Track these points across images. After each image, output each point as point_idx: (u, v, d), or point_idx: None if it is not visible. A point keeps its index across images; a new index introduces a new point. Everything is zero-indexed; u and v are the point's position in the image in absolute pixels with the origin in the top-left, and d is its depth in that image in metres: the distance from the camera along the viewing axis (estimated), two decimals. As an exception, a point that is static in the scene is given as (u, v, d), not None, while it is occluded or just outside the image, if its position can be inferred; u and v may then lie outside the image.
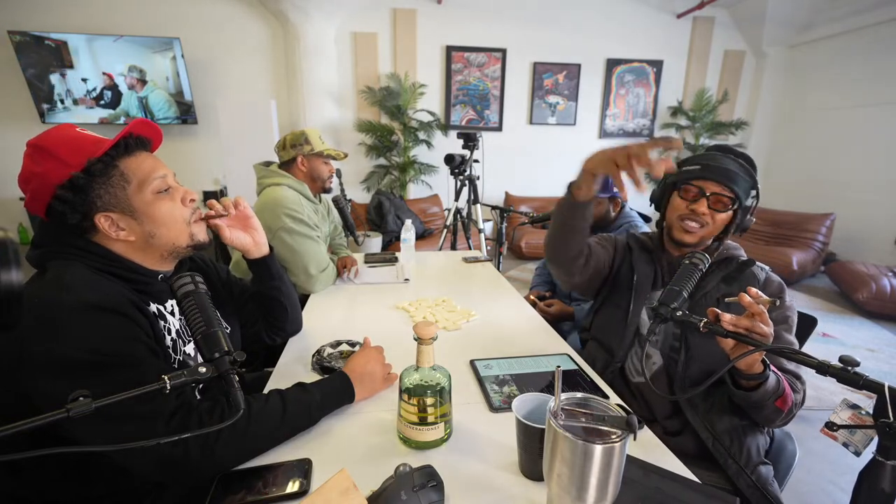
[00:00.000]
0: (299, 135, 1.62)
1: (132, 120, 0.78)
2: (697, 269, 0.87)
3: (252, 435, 0.70)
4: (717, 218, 1.01)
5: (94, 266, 0.72)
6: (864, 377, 0.57)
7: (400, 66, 4.46)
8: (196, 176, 4.36)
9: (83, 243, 0.73)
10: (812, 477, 1.57)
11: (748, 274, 1.02)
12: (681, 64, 4.96)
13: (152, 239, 0.77)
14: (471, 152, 3.03)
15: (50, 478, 0.71)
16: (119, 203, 0.74)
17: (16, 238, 0.49)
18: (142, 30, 3.93)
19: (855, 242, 4.24)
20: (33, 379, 0.61)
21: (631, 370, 1.08)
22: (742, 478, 0.87)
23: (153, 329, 0.73)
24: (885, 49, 3.95)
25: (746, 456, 0.89)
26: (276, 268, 1.07)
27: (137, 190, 0.75)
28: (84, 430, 0.61)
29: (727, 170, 0.99)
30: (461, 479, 0.68)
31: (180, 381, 0.53)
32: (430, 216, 4.59)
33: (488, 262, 2.00)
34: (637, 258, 1.15)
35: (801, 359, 0.63)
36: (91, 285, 0.68)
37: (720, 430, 0.91)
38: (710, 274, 1.03)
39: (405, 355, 0.93)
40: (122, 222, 0.75)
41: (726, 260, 1.06)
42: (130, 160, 0.76)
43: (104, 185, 0.73)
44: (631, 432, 0.51)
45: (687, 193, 1.03)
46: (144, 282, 0.78)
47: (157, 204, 0.77)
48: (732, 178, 0.98)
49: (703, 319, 0.76)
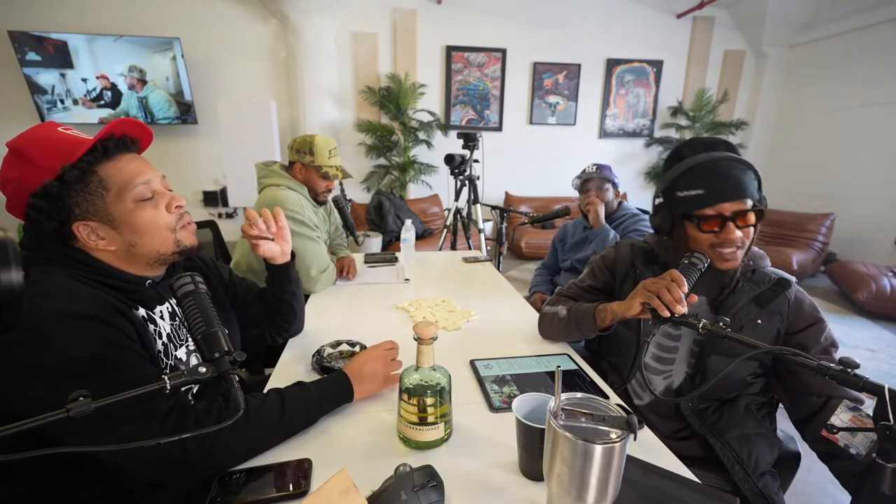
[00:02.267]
0: (307, 142, 1.58)
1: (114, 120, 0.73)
2: (696, 269, 0.87)
3: (250, 433, 0.70)
4: (749, 233, 0.90)
5: (76, 273, 0.69)
6: (865, 379, 0.56)
7: (400, 66, 4.46)
8: (196, 176, 4.36)
9: (65, 249, 0.70)
10: (812, 477, 1.57)
11: (782, 298, 0.92)
12: (681, 64, 4.96)
13: (134, 248, 0.73)
14: (471, 152, 3.03)
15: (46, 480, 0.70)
16: (97, 212, 0.70)
17: (16, 238, 0.49)
18: (142, 30, 3.93)
19: (855, 242, 4.23)
20: (14, 386, 0.60)
21: (631, 392, 1.07)
22: (748, 484, 0.86)
23: (140, 335, 0.71)
24: (885, 49, 3.95)
25: (755, 463, 0.88)
26: (295, 273, 1.10)
27: (117, 198, 0.70)
28: (77, 432, 0.60)
29: (735, 183, 0.87)
30: (461, 479, 0.68)
31: (180, 381, 0.53)
32: (430, 216, 4.59)
33: (488, 262, 2.00)
34: (644, 273, 1.04)
35: (800, 361, 0.63)
36: (70, 293, 0.65)
37: (729, 437, 0.91)
38: (737, 290, 0.94)
39: (405, 355, 0.94)
40: (102, 231, 0.71)
41: (755, 273, 0.96)
42: (110, 165, 0.71)
43: (81, 193, 0.68)
44: (631, 432, 0.51)
45: (708, 226, 0.90)
46: (130, 289, 0.75)
47: (138, 213, 0.72)
48: (743, 188, 0.87)
49: (703, 321, 0.75)
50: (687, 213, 0.92)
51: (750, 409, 0.93)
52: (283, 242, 1.03)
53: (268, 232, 0.99)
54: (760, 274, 0.96)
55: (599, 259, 1.18)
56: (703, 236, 0.91)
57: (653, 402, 1.03)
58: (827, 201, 4.42)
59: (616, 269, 1.13)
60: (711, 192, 0.88)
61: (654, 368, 1.02)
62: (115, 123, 0.72)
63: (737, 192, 0.87)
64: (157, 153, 4.21)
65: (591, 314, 1.02)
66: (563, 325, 1.09)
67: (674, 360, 1.00)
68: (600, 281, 1.16)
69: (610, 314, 0.97)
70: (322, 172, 1.60)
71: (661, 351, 1.01)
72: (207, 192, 4.43)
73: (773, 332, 0.92)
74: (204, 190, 4.42)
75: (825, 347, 0.89)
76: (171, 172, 5.08)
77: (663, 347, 1.01)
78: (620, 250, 1.14)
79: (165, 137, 4.21)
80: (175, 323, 0.84)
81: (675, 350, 0.99)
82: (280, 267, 1.05)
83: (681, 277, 0.84)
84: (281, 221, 1.02)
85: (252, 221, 0.97)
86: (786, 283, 0.93)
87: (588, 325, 1.02)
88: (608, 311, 0.98)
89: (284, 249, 1.04)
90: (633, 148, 5.17)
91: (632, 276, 1.08)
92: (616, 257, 1.13)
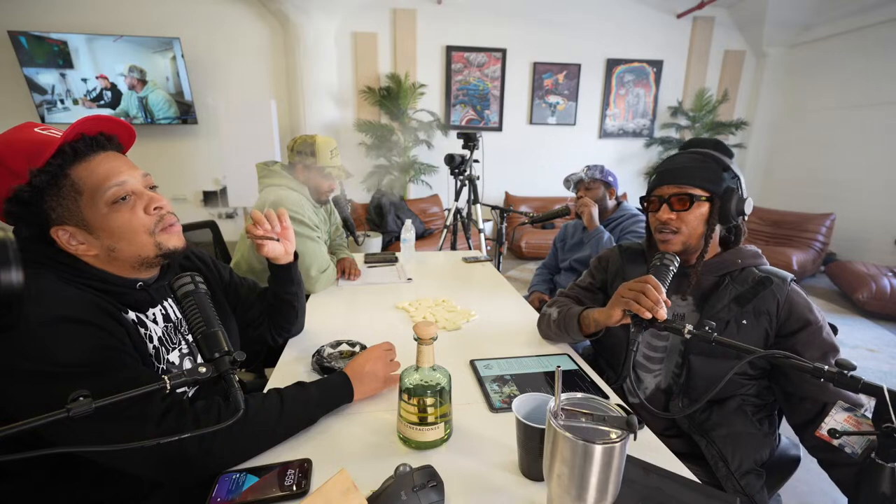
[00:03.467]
0: (308, 144, 1.58)
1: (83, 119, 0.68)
2: (668, 269, 0.88)
3: (249, 433, 0.70)
4: (686, 219, 0.94)
5: (64, 276, 0.67)
6: (862, 381, 0.55)
7: (400, 66, 4.46)
8: (196, 176, 4.36)
9: (51, 252, 0.68)
10: (811, 477, 1.57)
11: (767, 294, 0.89)
12: (681, 64, 4.96)
13: (114, 252, 0.71)
14: (471, 152, 3.03)
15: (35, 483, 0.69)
16: (72, 216, 0.67)
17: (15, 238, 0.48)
18: (142, 30, 3.93)
19: (855, 242, 4.24)
20: (6, 392, 0.59)
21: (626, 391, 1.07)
22: (730, 481, 0.85)
23: (131, 338, 0.70)
24: (886, 49, 3.95)
25: (739, 461, 0.87)
26: (298, 274, 1.10)
27: (90, 201, 0.67)
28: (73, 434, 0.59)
29: (680, 168, 0.95)
30: (461, 479, 0.68)
31: (181, 381, 0.53)
32: (430, 216, 4.59)
33: (488, 262, 2.00)
34: (631, 272, 1.07)
35: (794, 363, 0.62)
36: (59, 296, 0.64)
37: (715, 435, 0.90)
38: (721, 288, 0.93)
39: (405, 355, 0.94)
40: (80, 236, 0.68)
41: (743, 272, 0.94)
42: (82, 166, 0.67)
43: (55, 198, 0.66)
44: (631, 432, 0.51)
45: (652, 206, 0.99)
46: (119, 292, 0.73)
47: (112, 216, 0.69)
48: (687, 174, 0.93)
49: (687, 325, 0.75)
50: (646, 199, 1.02)
51: (742, 410, 0.92)
52: (287, 243, 1.04)
53: (272, 232, 1.00)
54: (746, 273, 0.94)
55: (596, 259, 1.22)
56: (650, 217, 1.00)
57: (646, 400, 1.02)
58: (827, 201, 4.42)
59: (608, 268, 1.17)
60: (659, 177, 0.97)
61: (644, 367, 1.03)
62: (85, 121, 0.68)
63: (676, 176, 0.94)
64: (157, 153, 4.22)
65: (574, 321, 1.03)
66: (556, 328, 1.11)
67: (663, 358, 1.00)
68: (598, 279, 1.19)
69: (593, 323, 0.98)
70: (325, 173, 1.60)
71: (651, 350, 1.02)
72: (207, 192, 4.43)
73: (760, 333, 0.89)
74: (204, 190, 4.42)
75: (823, 353, 0.83)
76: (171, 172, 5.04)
77: (653, 347, 1.02)
78: (613, 251, 1.18)
79: (165, 137, 4.21)
80: (168, 326, 0.82)
81: (664, 349, 1.00)
82: (283, 267, 1.06)
83: (655, 281, 0.84)
84: (286, 222, 1.03)
85: (258, 221, 0.98)
86: (767, 281, 0.90)
87: (574, 330, 1.04)
88: (591, 319, 0.99)
89: (288, 249, 1.04)
90: (633, 148, 5.17)
91: (620, 276, 1.10)
92: (609, 257, 1.18)
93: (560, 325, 1.09)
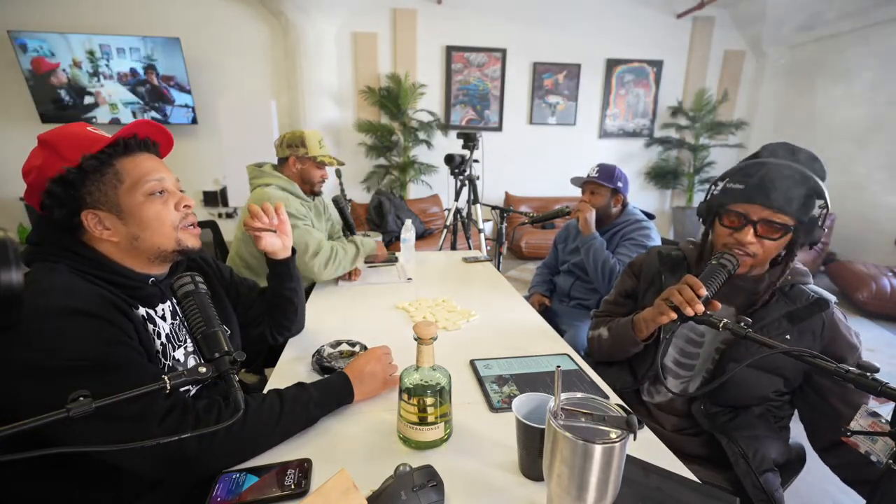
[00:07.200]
0: (298, 136, 1.64)
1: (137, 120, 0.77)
2: (725, 270, 0.85)
3: (249, 433, 0.70)
4: (769, 247, 0.86)
5: (79, 268, 0.70)
6: (883, 384, 0.55)
7: (400, 66, 4.46)
8: (196, 176, 4.36)
9: (70, 243, 0.72)
10: (813, 477, 1.56)
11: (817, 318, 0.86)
12: (681, 64, 4.95)
13: (136, 241, 0.75)
14: (471, 152, 3.03)
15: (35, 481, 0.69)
16: (108, 201, 0.73)
17: (16, 238, 0.49)
18: (142, 30, 3.93)
19: (855, 242, 4.23)
20: (11, 385, 0.59)
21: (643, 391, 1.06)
22: (750, 478, 0.85)
23: (139, 334, 0.71)
24: (886, 49, 3.95)
25: (760, 459, 0.87)
26: (296, 270, 1.12)
27: (129, 190, 0.74)
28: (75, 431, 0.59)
29: (777, 189, 0.82)
30: (461, 479, 0.68)
31: (181, 381, 0.53)
32: (430, 216, 4.58)
33: (488, 262, 2.00)
34: (668, 282, 1.02)
35: (818, 363, 0.61)
36: (70, 289, 0.66)
37: (737, 435, 0.90)
38: (772, 302, 0.90)
39: (405, 355, 0.94)
40: (108, 221, 0.73)
41: (793, 289, 0.90)
42: (128, 160, 0.74)
43: (96, 182, 0.72)
44: (631, 432, 0.51)
45: (730, 221, 0.88)
46: (132, 286, 0.76)
47: (146, 205, 0.75)
48: (784, 199, 0.82)
49: (724, 320, 0.75)
50: (722, 205, 0.90)
51: (764, 417, 0.92)
52: (284, 236, 1.06)
53: (269, 225, 1.02)
54: (798, 290, 0.89)
55: (628, 266, 1.19)
56: (721, 230, 0.90)
57: (664, 402, 1.02)
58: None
59: (641, 274, 1.13)
60: (749, 190, 0.85)
61: (673, 372, 1.01)
62: (139, 123, 0.76)
63: (771, 199, 0.83)
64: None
65: (628, 328, 1.01)
66: (610, 346, 1.09)
67: (693, 366, 0.98)
68: (628, 285, 1.16)
69: (643, 324, 0.97)
70: (317, 162, 1.66)
71: (682, 356, 1.00)
72: (207, 192, 4.43)
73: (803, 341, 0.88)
74: (204, 190, 4.42)
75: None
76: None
77: (685, 353, 1.00)
78: (650, 256, 1.13)
79: (165, 137, 4.20)
80: (175, 322, 0.84)
81: (697, 356, 0.98)
82: (281, 262, 1.08)
83: (696, 280, 0.83)
84: (282, 215, 1.06)
85: (255, 215, 1.01)
86: (824, 303, 0.87)
87: (630, 339, 1.02)
88: (642, 321, 0.97)
89: (286, 243, 1.07)
90: (633, 148, 5.17)
91: (657, 284, 1.06)
92: (643, 262, 1.14)
93: (615, 340, 1.06)
